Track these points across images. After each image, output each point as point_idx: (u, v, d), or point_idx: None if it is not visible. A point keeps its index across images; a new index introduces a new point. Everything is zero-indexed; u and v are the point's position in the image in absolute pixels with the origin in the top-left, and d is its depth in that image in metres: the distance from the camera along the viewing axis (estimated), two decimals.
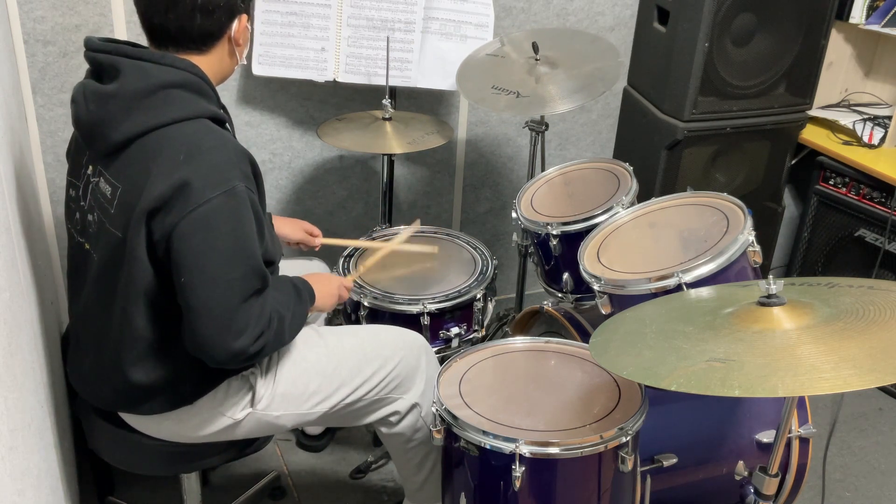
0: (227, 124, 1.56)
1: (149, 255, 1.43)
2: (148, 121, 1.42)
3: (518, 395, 1.63)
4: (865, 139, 2.79)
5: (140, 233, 1.41)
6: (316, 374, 1.69)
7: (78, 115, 1.47)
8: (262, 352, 1.46)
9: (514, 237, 2.38)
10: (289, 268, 1.95)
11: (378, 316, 2.02)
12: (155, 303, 1.47)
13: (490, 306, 2.14)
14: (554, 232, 2.05)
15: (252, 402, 1.64)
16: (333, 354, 1.73)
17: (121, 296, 1.47)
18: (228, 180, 1.40)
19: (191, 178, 1.37)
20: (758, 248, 1.70)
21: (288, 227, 2.02)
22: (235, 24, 1.52)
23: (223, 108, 1.57)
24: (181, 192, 1.37)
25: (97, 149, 1.48)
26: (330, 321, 2.21)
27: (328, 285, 1.77)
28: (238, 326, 1.41)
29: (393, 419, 1.79)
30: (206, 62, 1.51)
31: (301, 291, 1.64)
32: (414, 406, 1.79)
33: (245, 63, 2.13)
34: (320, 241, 2.08)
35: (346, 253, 2.19)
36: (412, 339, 1.83)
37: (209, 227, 1.38)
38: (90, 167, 1.51)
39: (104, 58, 1.45)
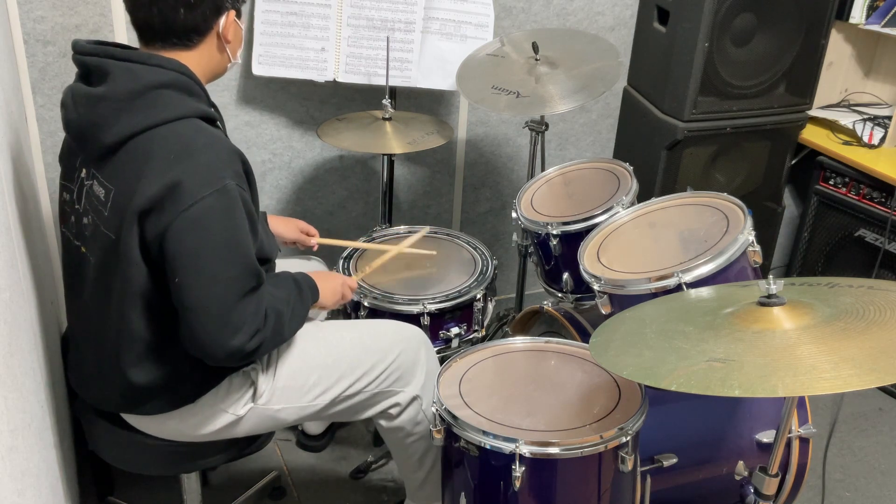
0: (219, 122, 1.56)
1: (143, 256, 1.43)
2: (138, 122, 1.41)
3: (518, 395, 1.63)
4: (865, 139, 2.79)
5: (133, 233, 1.41)
6: (316, 366, 1.70)
7: (68, 118, 1.47)
8: (260, 349, 1.46)
9: (514, 237, 2.38)
10: (287, 267, 1.94)
11: (378, 316, 2.02)
12: (151, 303, 1.47)
13: (490, 306, 2.14)
14: (554, 232, 2.05)
15: (253, 397, 1.64)
16: (333, 347, 1.73)
17: (117, 297, 1.47)
18: (220, 179, 1.40)
19: (182, 177, 1.37)
20: (758, 248, 1.70)
21: (283, 227, 2.02)
22: (223, 20, 1.51)
23: (213, 106, 1.56)
24: (173, 192, 1.37)
25: (89, 152, 1.48)
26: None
27: (332, 282, 1.77)
28: (234, 325, 1.41)
29: (393, 412, 1.79)
30: (195, 59, 1.50)
31: (302, 287, 1.64)
32: (415, 398, 1.79)
33: (239, 62, 2.13)
34: (317, 240, 2.08)
35: (345, 254, 2.19)
36: (411, 332, 1.84)
37: (202, 226, 1.38)
38: (83, 170, 1.51)
39: (92, 60, 1.45)
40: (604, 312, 1.79)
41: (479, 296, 2.05)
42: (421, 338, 1.84)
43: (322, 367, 1.70)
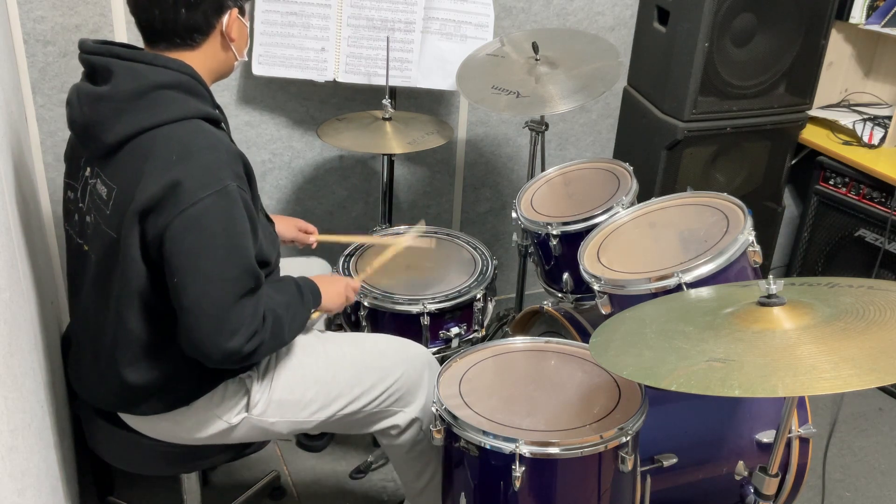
0: (223, 124, 1.56)
1: (142, 256, 1.43)
2: (140, 122, 1.41)
3: (518, 395, 1.63)
4: (865, 139, 2.79)
5: (133, 233, 1.41)
6: (313, 381, 1.68)
7: (73, 117, 1.47)
8: (259, 351, 1.46)
9: (514, 237, 2.38)
10: (288, 266, 1.95)
11: (378, 316, 2.02)
12: (149, 304, 1.46)
13: (490, 306, 2.14)
14: (554, 232, 2.05)
15: (247, 407, 1.63)
16: (332, 362, 1.72)
17: (115, 296, 1.47)
18: (220, 180, 1.39)
19: (182, 178, 1.37)
20: (758, 248, 1.70)
21: (281, 225, 2.01)
22: (226, 19, 1.51)
23: (218, 107, 1.56)
24: (173, 193, 1.37)
25: (92, 150, 1.48)
26: (330, 322, 2.21)
27: (335, 286, 1.76)
28: (231, 326, 1.40)
29: (393, 432, 1.77)
30: (199, 58, 1.50)
31: (304, 291, 1.63)
32: (414, 421, 1.77)
33: (246, 60, 2.12)
34: (315, 238, 2.08)
35: (346, 252, 2.19)
36: (415, 353, 1.81)
37: (201, 226, 1.38)
38: (88, 169, 1.52)
39: (97, 60, 1.45)
40: (604, 312, 1.79)
41: (479, 296, 2.05)
42: (425, 358, 1.81)
43: (320, 383, 1.68)
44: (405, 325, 1.98)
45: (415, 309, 1.98)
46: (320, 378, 1.69)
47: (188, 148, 1.40)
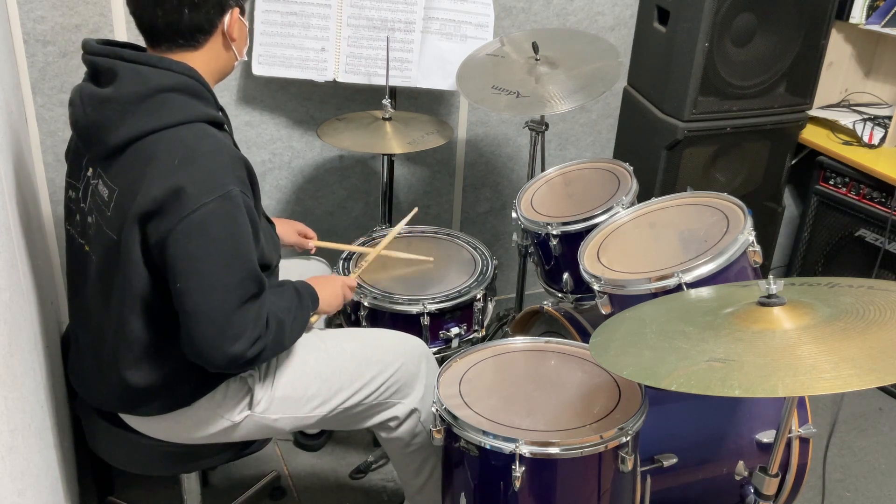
0: (226, 126, 1.56)
1: (144, 259, 1.42)
2: (144, 125, 1.41)
3: (518, 395, 1.63)
4: (865, 139, 2.79)
5: (134, 236, 1.40)
6: (315, 378, 1.69)
7: (76, 118, 1.47)
8: (261, 356, 1.46)
9: (514, 237, 2.38)
10: (287, 268, 1.95)
11: (378, 316, 2.02)
12: (151, 306, 1.46)
13: (490, 306, 2.14)
14: (554, 232, 2.05)
15: (250, 405, 1.63)
16: (333, 359, 1.73)
17: (117, 298, 1.47)
18: (223, 185, 1.39)
19: (185, 183, 1.37)
20: (758, 248, 1.70)
21: (282, 229, 2.01)
22: (227, 18, 1.51)
23: (221, 109, 1.56)
24: (176, 198, 1.37)
25: (95, 152, 1.48)
26: (330, 321, 2.21)
27: (331, 287, 1.77)
28: (235, 331, 1.40)
29: (392, 424, 1.79)
30: (201, 59, 1.50)
31: (303, 296, 1.63)
32: (413, 411, 1.78)
33: (246, 59, 2.12)
34: (314, 244, 2.08)
35: (343, 255, 2.19)
36: (413, 345, 1.82)
37: (204, 232, 1.38)
38: (90, 169, 1.52)
39: (102, 61, 1.45)
40: (604, 312, 1.79)
41: (479, 296, 2.05)
42: (422, 351, 1.83)
43: (321, 379, 1.69)
44: (405, 326, 1.98)
45: (415, 309, 1.98)
46: (321, 373, 1.70)
47: (191, 152, 1.40)
